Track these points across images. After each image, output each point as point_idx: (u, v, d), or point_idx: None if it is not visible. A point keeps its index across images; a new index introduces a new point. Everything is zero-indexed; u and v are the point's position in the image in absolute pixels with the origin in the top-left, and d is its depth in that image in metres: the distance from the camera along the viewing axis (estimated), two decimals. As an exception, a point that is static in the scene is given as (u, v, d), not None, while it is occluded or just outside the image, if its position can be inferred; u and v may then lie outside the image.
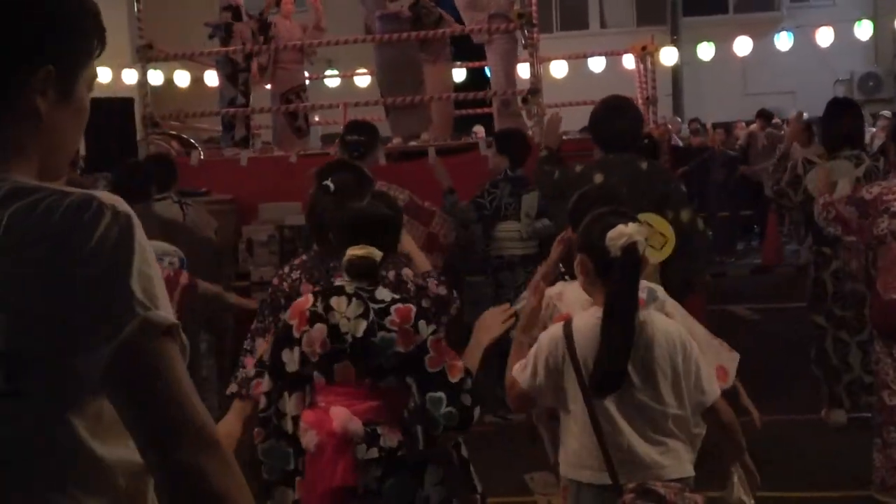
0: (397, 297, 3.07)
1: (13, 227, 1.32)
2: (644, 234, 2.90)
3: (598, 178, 4.67)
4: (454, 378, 2.96)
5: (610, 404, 2.85)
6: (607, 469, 2.84)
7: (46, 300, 1.33)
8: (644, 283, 3.16)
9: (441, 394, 2.95)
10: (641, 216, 3.36)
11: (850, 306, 5.95)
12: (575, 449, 2.96)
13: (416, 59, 9.50)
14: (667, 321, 3.05)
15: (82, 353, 1.34)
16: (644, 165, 5.00)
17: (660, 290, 3.43)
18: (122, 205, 1.36)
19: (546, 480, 5.57)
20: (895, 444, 5.10)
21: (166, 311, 1.37)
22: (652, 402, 2.87)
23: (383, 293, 3.07)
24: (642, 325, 2.88)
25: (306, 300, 3.11)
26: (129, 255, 1.34)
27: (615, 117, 5.00)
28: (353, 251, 3.03)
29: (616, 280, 2.87)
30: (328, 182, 3.73)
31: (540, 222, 6.77)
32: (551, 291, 3.53)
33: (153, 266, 1.39)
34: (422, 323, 3.00)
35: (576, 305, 3.29)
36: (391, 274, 3.65)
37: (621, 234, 2.83)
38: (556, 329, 3.00)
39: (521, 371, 3.03)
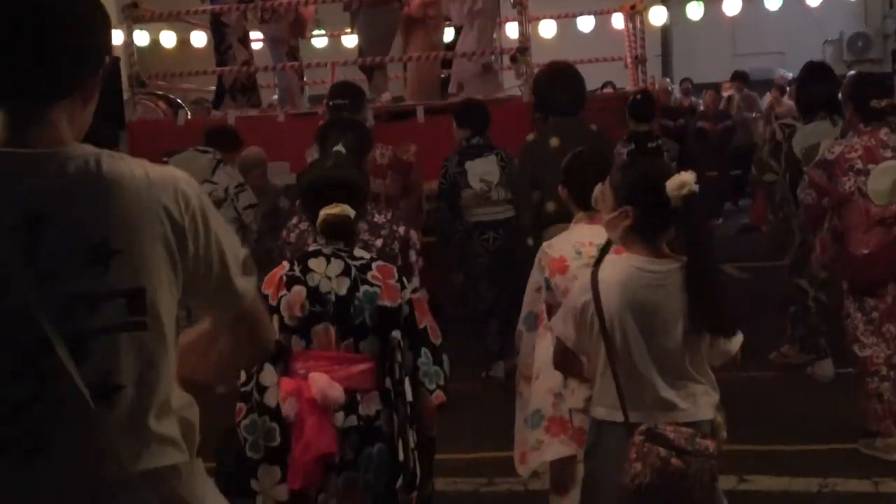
0: (374, 256, 3.11)
1: (126, 175, 1.65)
2: (690, 177, 2.88)
3: (554, 141, 4.66)
4: (436, 340, 3.01)
5: (634, 350, 2.88)
6: (621, 408, 2.87)
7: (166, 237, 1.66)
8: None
9: (427, 351, 2.97)
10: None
11: (832, 268, 5.92)
12: (597, 389, 3.01)
13: (393, 22, 9.55)
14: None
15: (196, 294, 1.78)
16: (593, 127, 5.01)
17: None
18: None
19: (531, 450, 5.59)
20: (874, 393, 5.20)
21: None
22: (671, 346, 2.90)
23: (361, 252, 3.09)
24: (671, 272, 2.92)
25: (281, 267, 3.10)
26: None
27: (556, 81, 4.97)
28: (327, 210, 3.04)
29: (690, 230, 2.92)
30: (339, 147, 3.72)
31: (501, 191, 6.79)
32: (543, 245, 3.60)
33: None
34: (403, 280, 3.03)
35: (567, 249, 3.40)
36: (400, 229, 3.67)
37: (682, 183, 2.84)
38: (584, 279, 3.02)
39: (557, 320, 3.09)
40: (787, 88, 14.33)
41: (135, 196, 1.63)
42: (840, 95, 6.36)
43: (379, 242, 3.13)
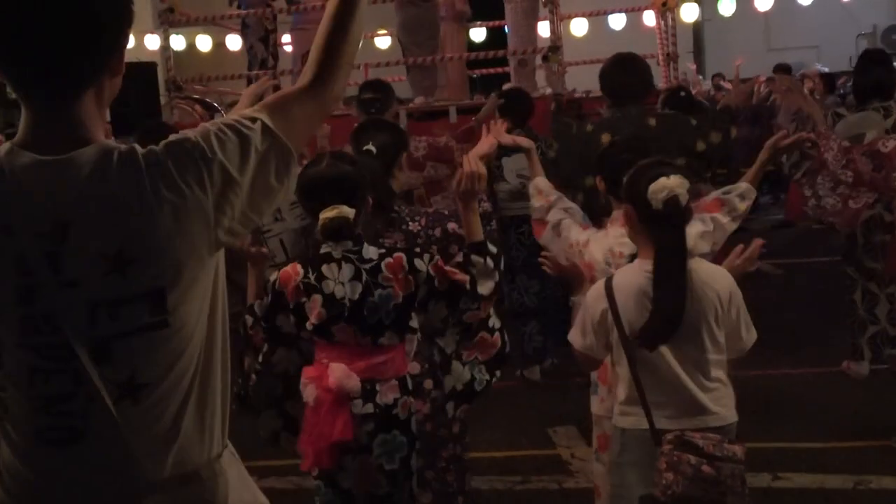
0: (383, 251, 3.07)
1: (137, 170, 1.59)
2: (685, 185, 2.86)
3: (605, 137, 4.63)
4: (465, 283, 3.02)
5: (657, 354, 2.86)
6: (646, 416, 2.86)
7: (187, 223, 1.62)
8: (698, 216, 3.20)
9: (465, 297, 3.03)
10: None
11: (881, 258, 5.87)
12: (618, 397, 3.00)
13: (435, 19, 9.51)
14: (712, 269, 3.04)
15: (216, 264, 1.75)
16: (652, 121, 4.95)
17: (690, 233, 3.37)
18: None
19: (569, 434, 5.61)
20: None
21: None
22: (696, 350, 2.89)
23: (370, 251, 3.08)
24: (689, 274, 2.90)
25: (296, 271, 3.09)
26: None
27: (622, 71, 4.97)
28: (324, 214, 3.03)
29: (662, 234, 2.89)
30: (370, 146, 3.74)
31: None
32: (580, 237, 3.57)
33: None
34: (416, 261, 3.02)
35: (599, 255, 3.36)
36: (437, 230, 3.69)
37: (663, 186, 2.83)
38: (598, 287, 3.01)
39: (575, 335, 3.08)
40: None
41: (154, 184, 1.60)
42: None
43: (400, 248, 3.14)
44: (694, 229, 3.33)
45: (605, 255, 3.39)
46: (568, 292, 4.13)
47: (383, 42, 11.84)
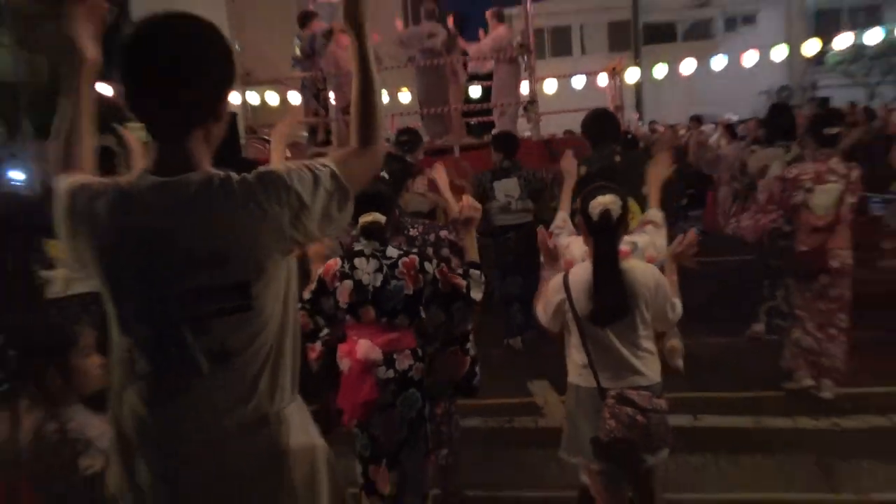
0: (402, 252, 3.10)
1: (240, 194, 1.64)
2: (618, 203, 2.89)
3: (582, 169, 4.71)
4: (462, 287, 3.04)
5: (601, 331, 2.88)
6: (592, 371, 2.89)
7: (266, 233, 1.65)
8: (628, 238, 3.19)
9: (460, 301, 3.03)
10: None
11: (780, 258, 5.90)
12: (574, 362, 3.01)
13: (443, 82, 9.59)
14: (643, 266, 3.04)
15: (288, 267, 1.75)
16: (618, 158, 5.01)
17: (640, 241, 3.43)
18: None
19: (542, 387, 5.68)
20: (797, 344, 5.31)
21: None
22: (630, 329, 2.90)
23: (392, 251, 3.11)
24: (625, 272, 2.90)
25: (335, 262, 3.13)
26: None
27: (598, 122, 5.06)
28: (364, 218, 3.08)
29: (598, 240, 2.92)
30: (383, 173, 3.82)
31: (520, 202, 6.80)
32: (565, 242, 3.58)
33: None
34: (426, 264, 3.05)
35: (578, 255, 3.32)
36: (431, 236, 3.73)
37: (599, 203, 2.88)
38: (558, 279, 3.03)
39: (540, 311, 3.11)
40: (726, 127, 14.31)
41: (243, 203, 1.64)
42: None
43: (414, 251, 3.18)
44: (643, 238, 3.40)
45: (581, 254, 3.37)
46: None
47: (405, 97, 11.88)
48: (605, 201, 2.87)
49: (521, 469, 4.48)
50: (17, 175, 14.11)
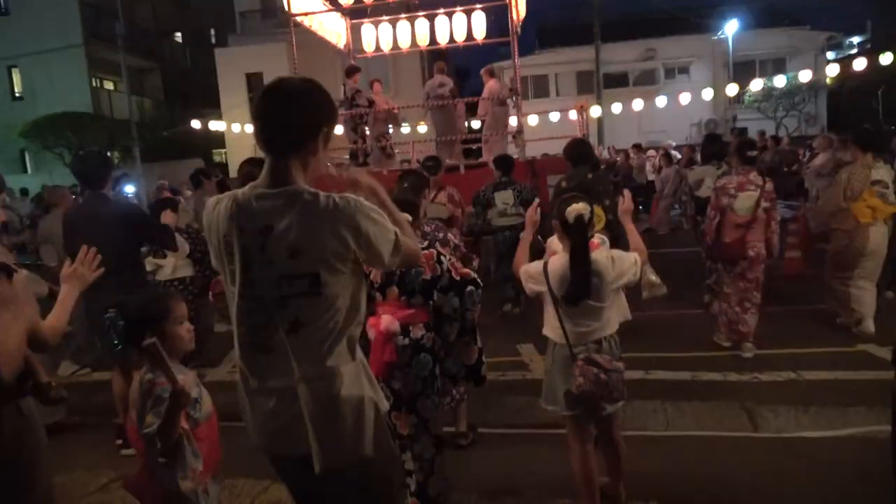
0: (424, 245, 2.97)
1: (322, 208, 1.68)
2: (588, 209, 2.81)
3: (563, 183, 4.64)
4: (470, 276, 2.97)
5: (571, 305, 2.81)
6: (565, 337, 2.82)
7: (338, 241, 1.69)
8: (599, 236, 3.10)
9: (471, 286, 2.95)
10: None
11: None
12: (551, 325, 2.91)
13: (453, 117, 9.70)
14: (605, 253, 2.93)
15: (354, 271, 1.77)
16: (590, 175, 4.97)
17: (607, 240, 3.31)
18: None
19: (528, 349, 5.57)
20: (724, 311, 5.28)
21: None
22: (597, 303, 2.82)
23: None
24: (594, 261, 2.83)
25: None
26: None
27: (578, 147, 4.98)
28: None
29: (573, 237, 2.83)
30: (405, 184, 3.74)
31: (513, 209, 6.75)
32: (549, 240, 3.45)
33: None
34: (441, 258, 2.96)
35: (558, 249, 3.21)
36: (441, 234, 3.65)
37: (574, 209, 2.80)
38: (538, 265, 2.94)
39: (525, 282, 2.98)
40: (673, 152, 14.21)
41: (319, 218, 1.68)
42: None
43: (426, 243, 3.08)
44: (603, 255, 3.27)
45: (560, 249, 3.32)
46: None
47: (422, 128, 11.84)
48: (578, 208, 2.80)
49: (511, 411, 4.40)
50: (129, 189, 14.27)
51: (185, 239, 5.50)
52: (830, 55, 27.83)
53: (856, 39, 33.06)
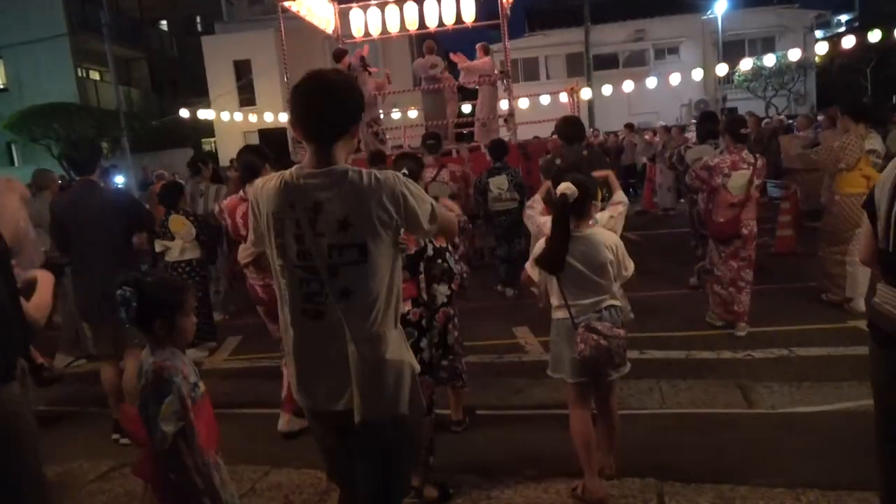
0: None
1: (366, 185, 1.83)
2: (573, 189, 2.79)
3: (558, 161, 4.63)
4: (449, 247, 3.08)
5: (570, 281, 2.85)
6: (568, 312, 2.85)
7: (382, 214, 1.84)
8: (596, 215, 3.11)
9: (447, 254, 3.07)
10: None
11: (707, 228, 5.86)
12: (554, 304, 2.96)
13: (443, 101, 9.61)
14: (604, 232, 2.98)
15: (395, 240, 1.91)
16: (585, 153, 4.97)
17: (599, 216, 3.30)
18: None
19: (524, 331, 5.59)
20: (717, 293, 5.31)
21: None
22: (595, 277, 2.85)
23: None
24: (590, 235, 2.87)
25: None
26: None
27: (569, 125, 4.97)
28: None
29: (556, 210, 2.84)
30: (404, 169, 3.72)
31: (508, 193, 6.82)
32: (542, 220, 3.47)
33: None
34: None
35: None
36: None
37: (564, 186, 2.81)
38: (541, 243, 2.96)
39: (531, 271, 3.04)
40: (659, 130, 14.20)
41: (365, 192, 1.83)
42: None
43: None
44: (602, 214, 3.32)
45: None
46: (523, 251, 4.04)
47: (413, 113, 11.80)
48: (562, 188, 2.80)
49: (509, 392, 4.42)
50: (118, 179, 14.23)
51: (190, 222, 5.73)
52: (819, 33, 27.84)
53: (844, 17, 33.09)
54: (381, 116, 10.53)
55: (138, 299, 2.06)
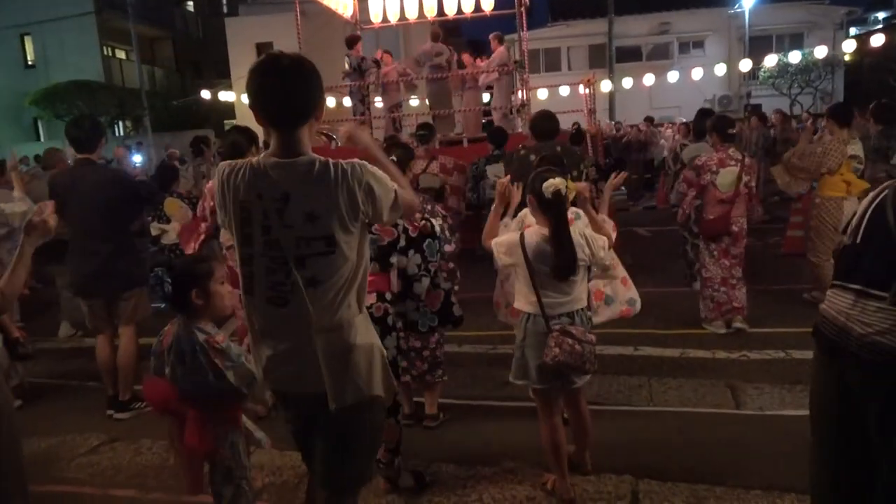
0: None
1: (333, 176, 1.82)
2: (564, 183, 2.75)
3: (532, 157, 4.57)
4: (427, 230, 3.09)
5: (543, 277, 2.78)
6: (539, 308, 2.79)
7: (349, 205, 1.84)
8: (573, 210, 3.07)
9: (429, 239, 3.07)
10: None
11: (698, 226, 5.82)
12: (524, 295, 2.87)
13: (448, 89, 9.71)
14: (581, 229, 2.91)
15: (361, 228, 1.91)
16: (559, 148, 4.89)
17: (581, 213, 3.26)
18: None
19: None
20: (709, 296, 5.27)
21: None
22: (571, 276, 2.80)
23: None
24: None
25: None
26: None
27: (543, 121, 4.87)
28: None
29: (553, 212, 2.77)
30: (392, 157, 3.70)
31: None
32: (522, 214, 3.40)
33: None
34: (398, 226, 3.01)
35: (531, 221, 3.12)
36: (428, 206, 3.63)
37: (551, 183, 2.74)
38: (515, 236, 2.89)
39: (497, 254, 2.92)
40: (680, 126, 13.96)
41: (331, 184, 1.82)
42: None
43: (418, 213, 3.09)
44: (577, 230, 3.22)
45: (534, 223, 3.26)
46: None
47: (413, 102, 11.83)
48: (556, 182, 2.73)
49: (498, 384, 4.39)
50: (137, 158, 14.43)
51: (186, 205, 5.71)
52: (853, 31, 27.22)
53: (881, 15, 32.27)
54: (402, 104, 10.57)
55: (171, 276, 2.14)
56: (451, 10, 10.00)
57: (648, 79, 14.43)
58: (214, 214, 3.44)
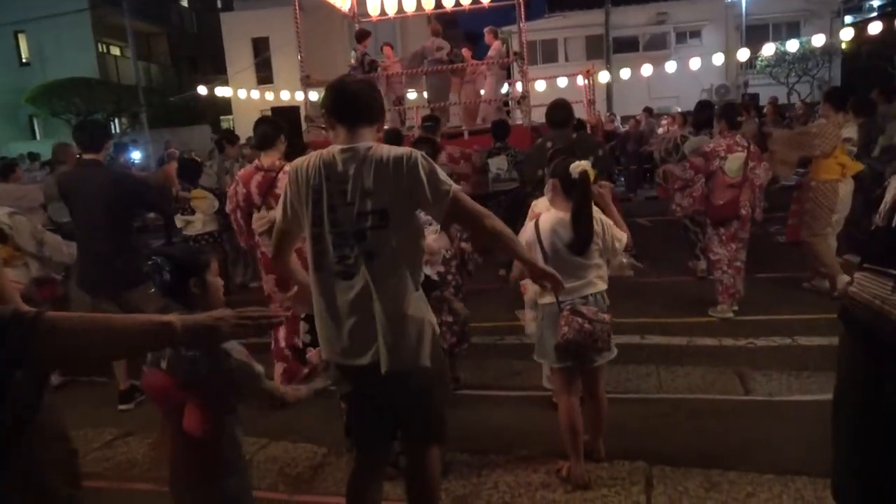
0: None
1: (386, 158, 2.07)
2: (590, 166, 2.86)
3: (549, 144, 4.61)
4: None
5: (556, 265, 2.73)
6: (553, 296, 2.82)
7: (400, 184, 2.05)
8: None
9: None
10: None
11: (703, 213, 5.84)
12: (540, 287, 2.87)
13: (448, 83, 9.74)
14: (599, 216, 2.94)
15: (412, 208, 2.12)
16: (574, 136, 4.97)
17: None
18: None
19: (526, 314, 5.58)
20: (719, 280, 5.34)
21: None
22: (583, 260, 2.86)
23: None
24: None
25: None
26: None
27: (557, 110, 4.91)
28: None
29: (577, 192, 2.83)
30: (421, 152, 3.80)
31: (508, 174, 6.89)
32: (533, 203, 3.45)
33: None
34: None
35: (542, 208, 3.18)
36: None
37: (578, 165, 2.83)
38: (531, 224, 2.98)
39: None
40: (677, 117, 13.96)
41: (385, 164, 2.06)
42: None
43: None
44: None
45: (544, 208, 3.15)
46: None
47: (411, 95, 11.82)
48: (583, 164, 2.84)
49: (507, 374, 4.46)
50: (135, 155, 14.37)
51: (214, 197, 6.22)
52: (849, 18, 27.17)
53: (877, 2, 32.22)
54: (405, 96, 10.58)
55: (169, 265, 2.12)
56: (448, 3, 9.97)
57: (646, 69, 14.38)
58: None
